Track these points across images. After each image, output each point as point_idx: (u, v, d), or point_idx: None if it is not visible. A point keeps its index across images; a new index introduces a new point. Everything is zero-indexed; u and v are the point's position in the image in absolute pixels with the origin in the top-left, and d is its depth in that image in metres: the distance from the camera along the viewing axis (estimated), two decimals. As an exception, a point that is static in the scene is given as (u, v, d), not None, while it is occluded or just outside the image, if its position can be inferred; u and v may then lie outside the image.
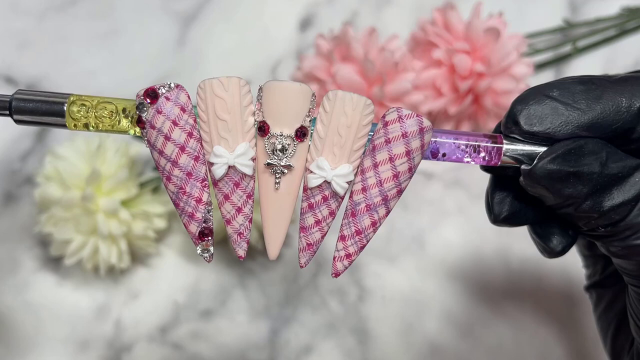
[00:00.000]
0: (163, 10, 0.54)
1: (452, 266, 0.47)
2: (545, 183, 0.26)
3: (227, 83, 0.27)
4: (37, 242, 0.46)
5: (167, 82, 0.27)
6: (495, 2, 0.51)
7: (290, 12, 0.55)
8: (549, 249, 0.30)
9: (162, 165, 0.28)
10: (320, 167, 0.27)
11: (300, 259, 0.29)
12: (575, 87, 0.27)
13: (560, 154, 0.26)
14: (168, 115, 0.27)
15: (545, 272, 0.47)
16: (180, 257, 0.47)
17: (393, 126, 0.27)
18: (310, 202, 0.28)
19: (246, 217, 0.28)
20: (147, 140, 0.28)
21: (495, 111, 0.48)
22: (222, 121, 0.27)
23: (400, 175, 0.27)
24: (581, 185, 0.26)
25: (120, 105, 0.28)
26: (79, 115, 0.28)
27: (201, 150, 0.28)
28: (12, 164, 0.49)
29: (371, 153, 0.27)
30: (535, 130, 0.27)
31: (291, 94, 0.27)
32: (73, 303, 0.45)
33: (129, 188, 0.43)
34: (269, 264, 0.47)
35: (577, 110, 0.27)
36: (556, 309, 0.47)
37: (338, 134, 0.27)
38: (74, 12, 0.54)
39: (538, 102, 0.27)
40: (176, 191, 0.28)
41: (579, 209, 0.27)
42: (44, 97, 0.28)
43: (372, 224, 0.28)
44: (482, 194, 0.50)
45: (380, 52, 0.45)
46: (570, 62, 0.54)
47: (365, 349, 0.45)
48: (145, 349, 0.44)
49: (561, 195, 0.26)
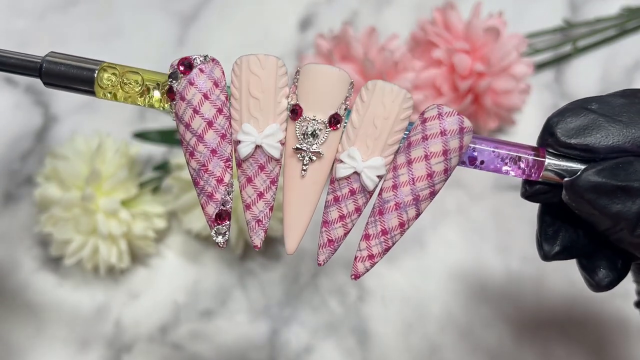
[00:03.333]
0: (163, 10, 0.54)
1: (452, 266, 0.47)
2: (590, 197, 0.25)
3: (265, 61, 0.26)
4: (37, 242, 0.46)
5: (203, 53, 0.27)
6: (495, 1, 0.51)
7: (290, 11, 0.55)
8: (595, 283, 0.28)
9: (187, 140, 0.26)
10: (352, 156, 0.26)
11: (320, 255, 0.27)
12: (616, 100, 0.26)
13: (607, 166, 0.25)
14: (200, 88, 0.26)
15: (545, 273, 0.47)
16: (180, 257, 0.47)
17: (432, 123, 0.25)
18: (337, 194, 0.26)
19: (267, 204, 0.27)
20: (174, 113, 0.27)
21: (495, 111, 0.48)
22: (255, 99, 0.26)
23: (435, 175, 0.26)
24: (630, 201, 0.24)
25: (152, 77, 0.27)
26: (108, 84, 0.27)
27: (229, 129, 0.27)
28: (12, 164, 0.49)
29: (406, 150, 0.26)
30: (573, 142, 0.25)
31: (329, 78, 0.26)
32: (73, 303, 0.45)
33: (128, 188, 0.43)
34: (269, 264, 0.47)
35: (619, 122, 0.25)
36: (556, 310, 0.46)
37: (373, 125, 0.26)
38: (74, 12, 0.54)
39: (576, 114, 0.26)
40: (198, 168, 0.27)
41: (634, 233, 0.25)
42: (75, 62, 0.27)
43: (400, 224, 0.26)
44: (482, 194, 0.50)
45: (380, 51, 0.45)
46: (571, 62, 0.54)
47: (365, 349, 0.45)
48: (145, 349, 0.44)
49: (609, 213, 0.25)
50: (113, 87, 0.27)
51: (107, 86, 0.27)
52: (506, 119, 0.49)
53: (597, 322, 0.46)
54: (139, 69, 0.27)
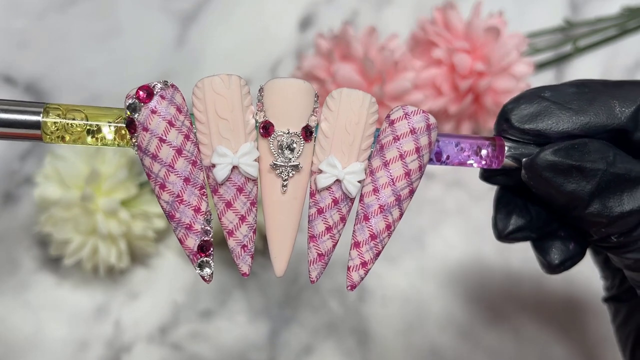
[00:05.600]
0: (163, 10, 0.54)
1: (452, 266, 0.47)
2: (547, 175, 0.26)
3: (229, 80, 0.25)
4: (36, 242, 0.46)
5: (160, 79, 0.26)
6: (495, 1, 0.51)
7: (290, 11, 0.55)
8: (547, 263, 0.29)
9: (156, 172, 0.25)
10: (332, 164, 0.26)
11: (311, 272, 0.27)
12: (568, 89, 0.27)
13: (563, 147, 0.26)
14: (164, 115, 0.25)
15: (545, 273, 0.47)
16: (180, 257, 0.47)
17: (400, 123, 0.26)
18: (320, 206, 0.26)
19: (250, 227, 0.26)
20: (137, 146, 0.25)
21: (495, 110, 0.47)
22: (224, 120, 0.25)
23: (412, 173, 0.26)
24: (584, 181, 0.26)
25: (103, 117, 0.26)
26: (54, 128, 0.25)
27: (198, 155, 0.26)
28: (12, 164, 0.49)
29: (379, 153, 0.26)
30: (527, 127, 0.26)
31: (296, 91, 0.26)
32: (73, 303, 0.45)
33: (128, 188, 0.43)
34: (269, 264, 0.47)
35: (569, 110, 0.26)
36: (557, 310, 0.46)
37: (346, 131, 0.26)
38: (74, 12, 0.54)
39: (529, 101, 0.27)
40: (172, 200, 0.25)
41: (586, 212, 0.26)
42: (16, 107, 0.25)
43: (387, 227, 0.26)
44: (482, 194, 0.50)
45: (380, 51, 0.45)
46: (571, 62, 0.54)
47: (365, 350, 0.45)
48: (145, 349, 0.44)
49: (564, 191, 0.26)
50: (59, 131, 0.26)
51: (52, 132, 0.25)
52: (506, 118, 0.49)
53: (596, 322, 0.46)
54: (82, 106, 0.26)
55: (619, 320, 0.33)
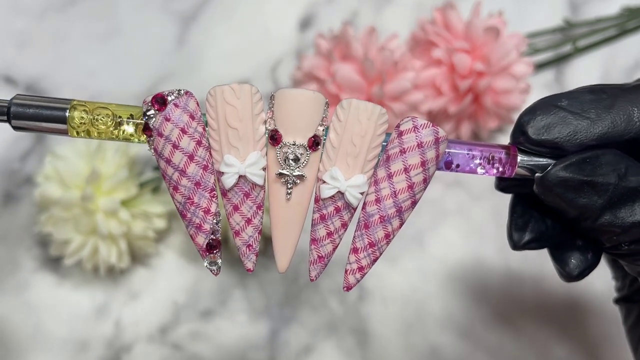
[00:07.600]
0: (163, 10, 0.54)
1: (452, 266, 0.47)
2: (559, 191, 0.26)
3: (239, 90, 0.26)
4: (36, 242, 0.46)
5: (175, 88, 0.27)
6: (495, 1, 0.51)
7: (290, 11, 0.55)
8: (566, 274, 0.29)
9: (170, 175, 0.27)
10: (334, 177, 0.26)
11: (311, 271, 0.28)
12: (585, 96, 0.26)
13: (574, 162, 0.26)
14: (177, 123, 0.26)
15: (545, 273, 0.47)
16: (180, 257, 0.47)
17: (408, 136, 0.26)
18: (322, 213, 0.27)
19: (255, 229, 0.28)
20: (153, 149, 0.27)
21: (495, 110, 0.47)
22: (233, 129, 0.26)
23: (415, 186, 0.27)
24: (596, 196, 0.25)
25: (125, 112, 0.27)
26: (80, 122, 0.27)
27: (210, 159, 0.27)
28: (12, 164, 0.49)
29: (385, 163, 0.27)
30: (543, 139, 0.26)
31: (304, 102, 0.26)
32: (73, 303, 0.45)
33: (128, 188, 0.43)
34: (269, 264, 0.47)
35: (587, 119, 0.26)
36: (557, 310, 0.46)
37: (352, 144, 0.26)
38: (74, 12, 0.54)
39: (546, 112, 0.26)
40: (183, 201, 0.27)
41: (598, 223, 0.26)
42: (45, 103, 0.27)
43: (386, 236, 0.27)
44: (482, 194, 0.50)
45: (380, 51, 0.45)
46: (571, 62, 0.54)
47: (365, 349, 0.45)
48: (145, 349, 0.44)
49: (575, 205, 0.26)
50: (85, 125, 0.27)
51: (79, 125, 0.27)
52: (506, 118, 0.49)
53: (597, 322, 0.46)
54: (108, 104, 0.28)
55: (630, 321, 0.33)
